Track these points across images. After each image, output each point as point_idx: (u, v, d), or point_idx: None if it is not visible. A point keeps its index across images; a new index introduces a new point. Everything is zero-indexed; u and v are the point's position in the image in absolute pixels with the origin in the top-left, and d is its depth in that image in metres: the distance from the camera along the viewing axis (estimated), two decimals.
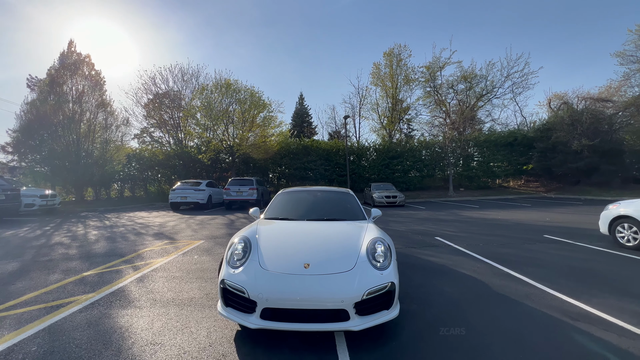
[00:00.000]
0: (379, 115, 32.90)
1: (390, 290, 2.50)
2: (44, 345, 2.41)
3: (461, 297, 3.42)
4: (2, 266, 4.67)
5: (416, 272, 4.36)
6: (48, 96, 17.05)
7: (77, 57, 18.41)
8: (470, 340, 2.51)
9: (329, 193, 4.58)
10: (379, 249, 2.83)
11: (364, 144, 26.59)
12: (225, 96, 20.75)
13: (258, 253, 2.77)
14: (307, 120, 37.52)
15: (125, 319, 2.88)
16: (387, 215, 11.62)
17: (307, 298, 2.32)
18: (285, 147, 23.64)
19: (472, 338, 2.54)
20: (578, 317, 2.92)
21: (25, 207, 12.03)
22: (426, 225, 8.98)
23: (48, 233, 7.88)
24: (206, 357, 2.26)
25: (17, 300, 3.32)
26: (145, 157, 23.15)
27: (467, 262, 4.89)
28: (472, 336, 2.57)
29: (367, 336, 2.56)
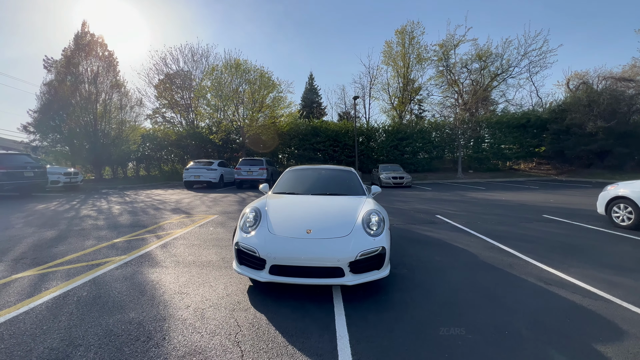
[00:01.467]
0: (390, 95, 32.43)
1: (381, 253, 2.88)
2: (92, 292, 2.92)
3: (449, 265, 3.79)
4: (43, 233, 5.27)
5: (412, 245, 4.74)
6: (65, 77, 17.58)
7: (90, 37, 18.72)
8: (448, 295, 2.89)
9: (332, 171, 4.92)
10: (373, 219, 3.19)
11: (374, 125, 26.50)
12: (235, 76, 20.86)
13: (267, 221, 3.18)
14: (316, 100, 37.29)
15: (155, 275, 3.37)
16: (392, 196, 11.93)
17: (309, 257, 2.73)
18: (295, 128, 23.83)
19: (450, 294, 2.92)
20: (551, 282, 3.26)
21: (51, 183, 12.85)
22: (429, 204, 9.27)
23: (76, 207, 8.56)
24: (224, 303, 2.72)
25: (62, 260, 3.87)
26: (159, 138, 23.82)
27: (462, 237, 5.23)
28: (450, 293, 2.95)
29: (360, 291, 2.97)
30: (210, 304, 2.69)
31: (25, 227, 5.73)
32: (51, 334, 2.19)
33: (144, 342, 2.10)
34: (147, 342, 2.11)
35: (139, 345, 2.06)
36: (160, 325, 2.33)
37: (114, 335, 2.19)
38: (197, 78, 25.01)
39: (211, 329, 2.29)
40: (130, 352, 2.00)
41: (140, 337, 2.16)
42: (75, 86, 17.46)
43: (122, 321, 2.38)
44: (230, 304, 2.70)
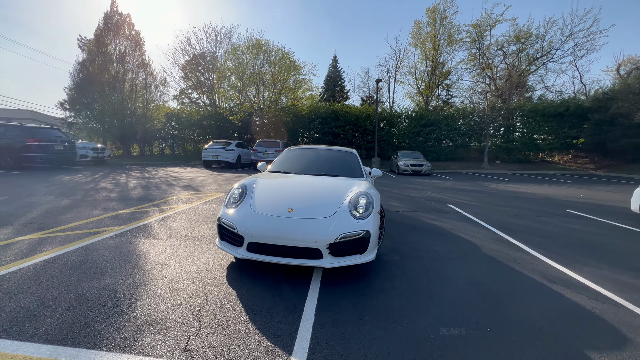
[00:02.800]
0: (416, 79, 31.04)
1: (364, 237, 2.71)
2: (80, 257, 3.01)
3: (446, 256, 3.56)
4: (58, 202, 5.57)
5: (413, 232, 4.51)
6: (95, 56, 18.27)
7: (118, 17, 19.20)
8: (435, 287, 2.70)
9: (332, 152, 4.73)
10: (361, 202, 3.01)
11: (397, 111, 25.54)
12: (256, 57, 20.73)
13: (252, 198, 3.10)
14: (339, 84, 36.46)
15: (144, 246, 3.43)
16: (408, 183, 11.54)
17: (286, 237, 2.62)
18: (315, 111, 23.50)
19: (438, 286, 2.73)
20: (556, 280, 2.96)
21: (81, 157, 13.64)
22: (444, 193, 8.85)
23: (96, 179, 9.02)
24: (200, 277, 2.70)
25: (65, 226, 4.05)
26: (183, 117, 24.45)
27: (469, 228, 4.92)
28: (438, 285, 2.76)
29: (341, 275, 2.85)
30: (187, 277, 2.69)
31: (45, 196, 6.09)
32: (27, 294, 2.27)
33: (110, 309, 2.12)
34: (113, 308, 2.13)
35: (104, 311, 2.08)
36: (131, 293, 2.35)
37: (85, 299, 2.23)
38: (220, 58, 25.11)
39: (178, 301, 2.27)
40: (94, 316, 2.02)
41: (107, 303, 2.18)
42: (105, 65, 18.14)
43: (97, 287, 2.43)
44: (206, 278, 2.68)
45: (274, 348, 1.79)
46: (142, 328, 1.92)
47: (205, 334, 1.90)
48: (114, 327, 1.92)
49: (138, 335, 1.84)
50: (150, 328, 1.92)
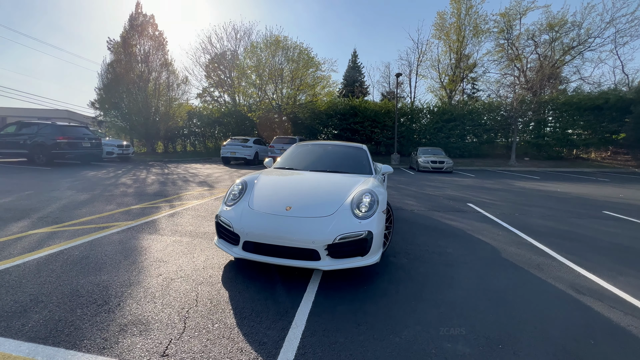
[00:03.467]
0: (439, 73, 29.99)
1: (365, 238, 2.53)
2: (83, 252, 3.04)
3: (460, 259, 3.29)
4: (78, 196, 5.78)
5: (425, 233, 4.25)
6: (122, 57, 19.03)
7: (143, 18, 19.85)
8: (444, 295, 2.47)
9: (340, 147, 4.54)
10: (365, 200, 2.82)
11: (418, 106, 24.74)
12: (274, 54, 20.75)
13: (251, 195, 2.99)
14: (359, 79, 35.88)
15: (147, 241, 3.43)
16: (427, 180, 11.10)
17: (282, 236, 2.49)
18: (333, 107, 23.24)
19: (447, 294, 2.49)
20: (586, 291, 2.63)
21: (107, 154, 14.27)
22: (465, 192, 8.40)
23: (118, 175, 9.35)
24: (195, 275, 2.63)
25: (77, 220, 4.15)
26: (204, 115, 25.04)
27: (489, 229, 4.57)
28: (448, 292, 2.52)
29: (341, 278, 2.68)
30: (182, 275, 2.62)
31: (67, 190, 6.35)
32: (24, 288, 2.29)
33: (99, 306, 2.08)
34: (102, 306, 2.09)
35: (92, 309, 2.05)
36: (123, 291, 2.31)
37: (77, 295, 2.21)
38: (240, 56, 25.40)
39: (168, 300, 2.20)
40: (81, 314, 1.98)
41: (98, 301, 2.15)
42: (130, 65, 18.85)
43: (92, 283, 2.41)
44: (201, 277, 2.60)
45: (256, 357, 1.67)
46: (126, 329, 1.85)
47: (188, 337, 1.80)
48: (98, 326, 1.87)
49: (119, 337, 1.78)
50: (133, 329, 1.86)
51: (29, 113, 30.54)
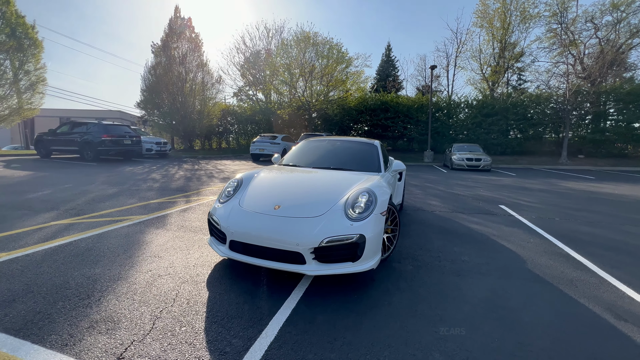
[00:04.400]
0: (480, 64, 27.93)
1: (356, 242, 2.30)
2: (89, 244, 3.17)
3: (475, 269, 2.91)
4: (107, 190, 6.17)
5: (442, 237, 3.86)
6: (161, 60, 20.23)
7: (181, 21, 20.91)
8: (446, 312, 2.16)
9: (349, 143, 4.29)
10: (361, 200, 2.58)
11: (455, 100, 23.30)
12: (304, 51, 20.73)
13: (244, 193, 2.89)
14: (392, 73, 34.68)
15: (151, 236, 3.50)
16: (458, 179, 10.35)
17: (265, 236, 2.35)
18: (363, 103, 22.70)
19: (450, 312, 2.18)
20: (629, 316, 2.15)
21: (146, 151, 15.27)
22: (499, 192, 7.65)
23: (151, 171, 9.91)
24: (183, 272, 2.59)
25: (97, 213, 4.39)
26: (237, 113, 25.86)
27: (518, 235, 4.05)
28: (451, 310, 2.20)
29: (333, 284, 2.47)
30: (170, 272, 2.60)
31: (101, 184, 6.82)
32: (22, 278, 2.40)
33: (80, 300, 2.10)
34: (83, 300, 2.11)
35: (72, 303, 2.07)
36: (109, 285, 2.33)
37: (65, 288, 2.27)
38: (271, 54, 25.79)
39: (146, 298, 2.17)
40: (61, 307, 2.01)
41: (81, 294, 2.18)
42: (169, 67, 19.97)
43: (84, 275, 2.47)
44: (187, 275, 2.55)
45: None
46: (95, 326, 1.84)
47: (151, 340, 1.73)
48: (71, 321, 1.87)
49: (85, 334, 1.76)
50: (102, 326, 1.83)
51: (88, 114, 33.87)
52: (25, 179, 7.35)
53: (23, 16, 14.59)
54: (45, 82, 15.98)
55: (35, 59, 15.06)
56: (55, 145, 13.02)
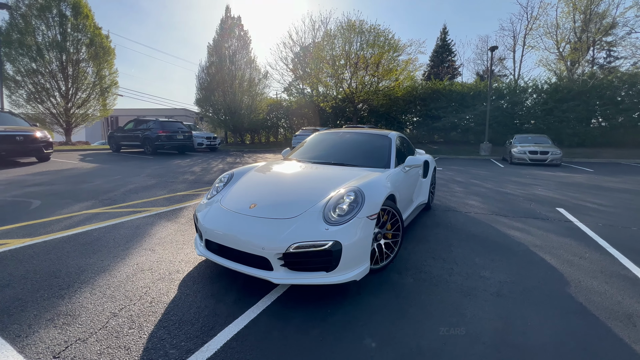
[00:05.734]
0: (557, 41, 24.25)
1: (329, 250, 2.00)
2: (100, 234, 3.37)
3: (491, 288, 2.36)
4: (147, 181, 6.69)
5: (465, 244, 3.29)
6: (214, 59, 21.50)
7: (231, 21, 21.91)
8: (420, 342, 1.74)
9: (359, 136, 3.88)
10: (345, 201, 2.26)
11: (521, 84, 20.50)
12: (348, 41, 20.12)
13: (230, 189, 2.77)
14: (448, 59, 31.91)
15: (157, 228, 3.61)
16: (515, 175, 9.04)
17: (233, 237, 2.18)
18: (412, 92, 21.31)
19: (427, 339, 1.76)
20: None
21: (198, 145, 16.45)
22: (563, 191, 6.42)
23: (195, 164, 10.59)
24: (165, 268, 2.57)
25: (125, 204, 4.73)
26: (283, 107, 26.41)
27: (570, 247, 3.26)
28: (431, 338, 1.78)
29: (310, 294, 2.21)
30: (153, 267, 2.60)
31: (145, 176, 7.44)
32: (28, 263, 2.61)
33: (58, 290, 2.19)
34: (61, 290, 2.19)
35: (50, 292, 2.16)
36: (92, 277, 2.40)
37: (54, 276, 2.39)
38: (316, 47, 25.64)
39: (116, 293, 2.17)
40: (39, 296, 2.11)
41: (62, 284, 2.27)
42: (221, 65, 21.15)
43: (76, 265, 2.60)
44: (167, 271, 2.52)
45: None
46: (54, 319, 1.87)
47: (94, 340, 1.69)
48: (38, 311, 1.93)
49: (42, 327, 1.79)
50: (60, 320, 1.85)
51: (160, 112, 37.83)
52: (89, 170, 8.39)
53: (100, 27, 16.74)
54: (118, 85, 18.21)
55: (109, 64, 17.23)
56: (123, 140, 14.75)
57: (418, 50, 23.17)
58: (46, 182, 6.37)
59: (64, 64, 15.94)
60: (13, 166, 8.71)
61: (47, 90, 15.92)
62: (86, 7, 16.26)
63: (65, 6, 15.73)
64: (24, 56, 14.98)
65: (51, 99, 16.18)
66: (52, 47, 15.48)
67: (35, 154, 9.60)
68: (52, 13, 15.39)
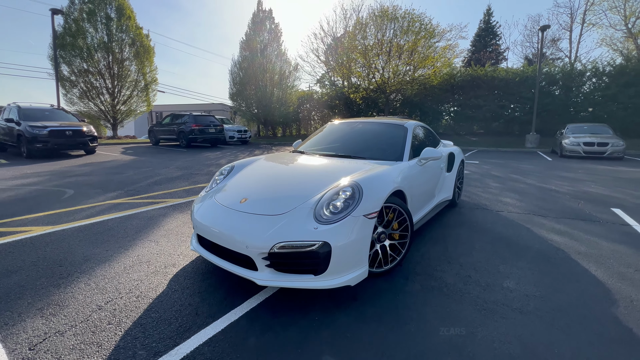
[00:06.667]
0: (625, 16, 21.35)
1: (316, 251, 1.80)
2: (114, 224, 3.48)
3: (514, 304, 2.00)
4: (173, 173, 6.93)
5: (490, 248, 2.89)
6: (246, 54, 21.86)
7: (263, 14, 22.05)
8: None
9: (372, 126, 3.57)
10: (340, 197, 2.04)
11: (578, 68, 18.24)
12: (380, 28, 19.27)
13: (227, 182, 2.68)
14: (492, 42, 29.38)
15: (167, 220, 3.65)
16: (564, 170, 8.05)
17: (218, 233, 2.08)
18: (449, 80, 19.95)
19: None
20: None
21: (229, 138, 16.93)
22: (622, 189, 5.54)
23: (223, 156, 10.85)
24: (163, 261, 2.55)
25: (146, 194, 4.89)
26: (314, 99, 26.23)
27: (625, 256, 2.73)
28: None
29: (301, 297, 2.04)
30: (152, 259, 2.59)
31: (173, 168, 7.74)
32: (41, 250, 2.73)
33: (57, 279, 2.24)
34: (59, 279, 2.24)
35: (49, 281, 2.21)
36: (93, 266, 2.44)
37: (58, 265, 2.47)
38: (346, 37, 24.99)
39: (109, 286, 2.17)
40: (39, 284, 2.17)
41: (63, 273, 2.33)
42: (253, 59, 21.45)
43: (83, 255, 2.67)
44: (164, 264, 2.50)
45: None
46: (44, 308, 1.89)
47: (72, 333, 1.67)
48: (32, 299, 1.98)
49: (29, 316, 1.81)
50: (48, 310, 1.87)
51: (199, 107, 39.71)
52: (126, 162, 8.94)
53: (141, 27, 17.76)
54: (157, 82, 19.29)
55: (149, 62, 18.27)
56: (161, 134, 15.61)
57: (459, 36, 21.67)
58: (85, 173, 6.87)
59: (110, 63, 17.20)
60: (63, 158, 9.57)
61: (96, 88, 17.34)
62: (129, 9, 17.32)
63: (111, 8, 16.88)
64: (77, 57, 16.40)
65: (100, 96, 17.60)
66: (100, 47, 16.76)
67: (82, 147, 10.47)
68: (100, 15, 16.61)
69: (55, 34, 15.84)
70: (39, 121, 9.77)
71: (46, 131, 9.41)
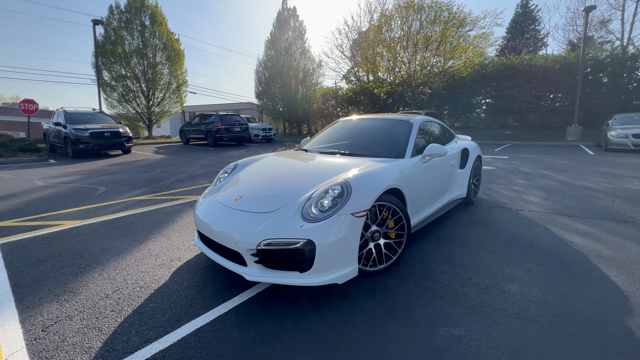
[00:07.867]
0: None
1: (301, 249, 1.83)
2: (135, 219, 3.75)
3: (514, 310, 1.89)
4: (196, 171, 7.28)
5: (501, 249, 2.74)
6: (271, 52, 22.24)
7: (287, 12, 22.25)
8: None
9: (378, 122, 3.49)
10: (328, 195, 2.04)
11: (630, 52, 16.45)
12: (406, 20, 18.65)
13: (228, 181, 2.77)
14: (530, 28, 27.29)
15: (182, 215, 3.86)
16: (606, 165, 7.37)
17: (214, 230, 2.17)
18: (480, 71, 18.88)
19: None
20: None
21: (254, 136, 17.37)
22: None
23: (247, 154, 11.17)
24: (170, 255, 2.71)
25: (169, 191, 5.19)
26: (339, 96, 26.09)
27: None
28: None
29: (292, 293, 2.08)
30: (161, 253, 2.76)
31: (197, 166, 8.12)
32: (68, 242, 3.02)
33: (76, 268, 2.47)
34: (78, 268, 2.47)
35: (70, 270, 2.44)
36: (108, 258, 2.66)
37: (80, 256, 2.71)
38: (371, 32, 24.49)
39: (118, 277, 2.35)
40: (60, 273, 2.40)
41: (82, 264, 2.56)
42: (277, 57, 21.78)
43: (102, 247, 2.91)
44: (170, 258, 2.66)
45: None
46: (60, 294, 2.10)
47: (79, 319, 1.84)
48: (51, 286, 2.20)
49: (47, 301, 2.02)
50: (63, 297, 2.08)
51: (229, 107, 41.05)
52: (156, 161, 9.52)
53: (172, 32, 18.70)
54: (187, 84, 20.24)
55: (179, 65, 19.22)
56: (191, 134, 16.38)
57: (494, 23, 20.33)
58: (118, 171, 7.42)
59: (144, 67, 18.34)
60: (102, 158, 10.40)
61: (133, 92, 18.59)
62: (161, 15, 18.32)
63: (145, 16, 17.96)
64: (116, 64, 17.67)
65: (136, 99, 18.85)
66: (136, 54, 17.91)
67: (119, 147, 11.30)
68: (135, 23, 17.73)
69: (97, 43, 17.18)
70: (82, 124, 10.69)
71: (88, 133, 10.28)
